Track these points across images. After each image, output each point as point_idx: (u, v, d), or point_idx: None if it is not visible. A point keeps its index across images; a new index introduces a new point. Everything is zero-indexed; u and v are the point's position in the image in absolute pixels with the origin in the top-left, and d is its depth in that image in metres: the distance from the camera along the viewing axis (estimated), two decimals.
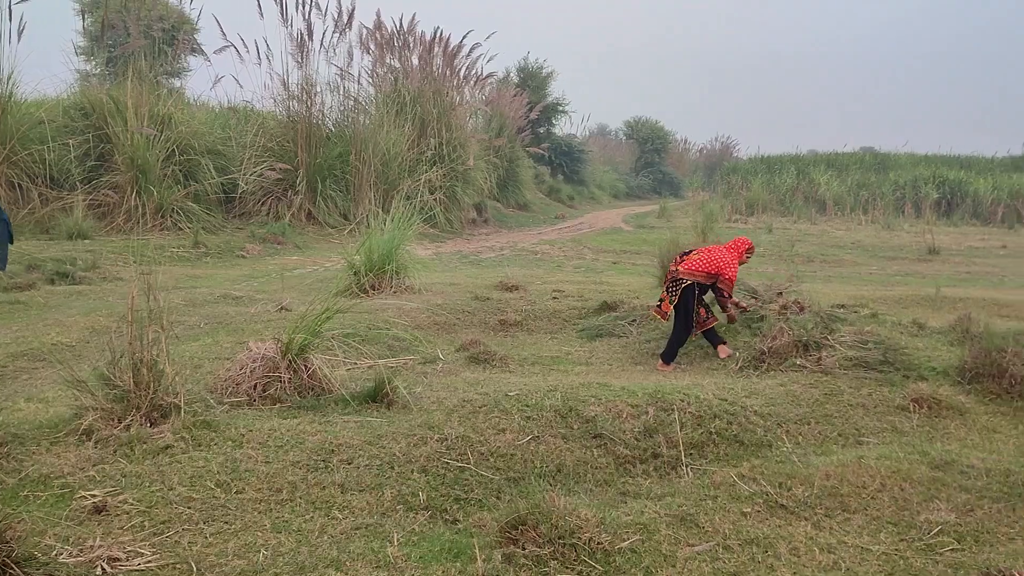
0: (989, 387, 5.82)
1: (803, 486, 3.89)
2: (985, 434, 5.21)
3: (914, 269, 15.93)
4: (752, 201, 29.25)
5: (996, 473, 4.11)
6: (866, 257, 17.66)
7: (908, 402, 5.48)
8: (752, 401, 5.41)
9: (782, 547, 3.28)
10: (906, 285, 13.06)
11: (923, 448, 4.47)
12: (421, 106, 19.17)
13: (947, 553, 3.28)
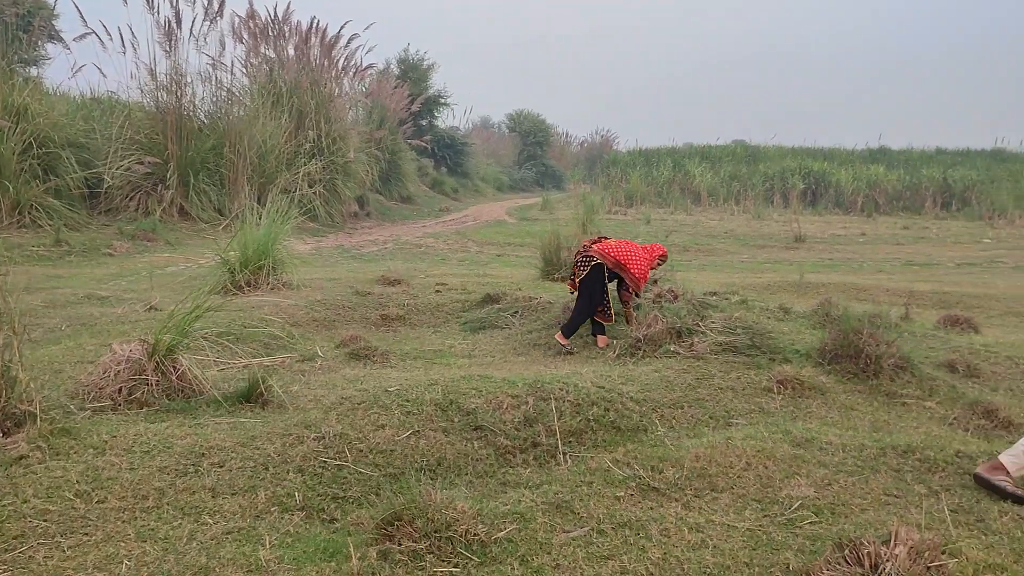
0: (847, 367, 6.15)
1: (674, 468, 4.02)
2: (843, 412, 5.51)
3: (782, 256, 16.69)
4: (631, 193, 29.97)
5: (851, 448, 4.36)
6: (738, 246, 18.39)
7: (773, 384, 5.74)
8: (628, 388, 5.54)
9: (653, 528, 3.38)
10: (774, 272, 13.68)
11: (786, 427, 4.69)
12: (298, 97, 18.71)
13: (806, 526, 3.45)
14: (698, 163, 33.12)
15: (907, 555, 2.74)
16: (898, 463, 4.19)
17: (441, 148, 33.12)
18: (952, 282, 12.60)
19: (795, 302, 9.51)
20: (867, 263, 15.69)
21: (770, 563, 3.07)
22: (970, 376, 6.53)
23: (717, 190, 30.70)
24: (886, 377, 6.04)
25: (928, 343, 7.40)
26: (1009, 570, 3.03)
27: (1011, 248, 18.71)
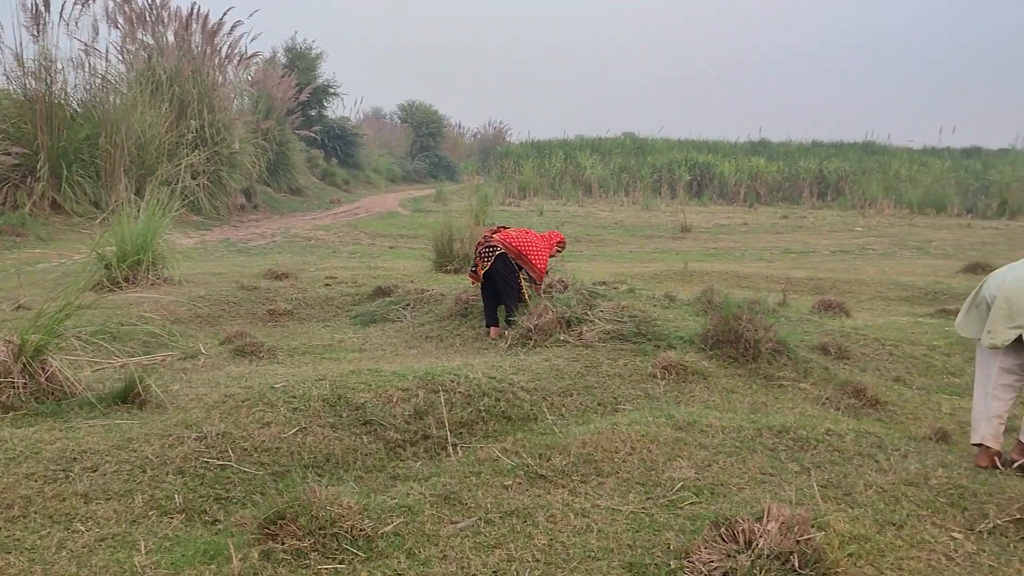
0: (728, 352, 6.38)
1: (562, 455, 4.08)
2: (724, 395, 5.72)
3: (669, 246, 17.16)
4: (524, 184, 30.20)
5: (730, 430, 4.52)
6: (627, 236, 18.80)
7: (658, 370, 5.89)
8: (519, 377, 5.60)
9: (540, 516, 3.42)
10: (662, 261, 14.05)
11: (669, 412, 4.82)
12: (179, 86, 18.01)
13: (687, 507, 3.57)
14: (589, 155, 33.65)
15: (778, 530, 2.87)
16: (773, 443, 4.38)
17: (331, 139, 32.52)
18: (827, 268, 13.24)
19: (680, 290, 9.80)
20: (749, 252, 16.30)
21: (652, 544, 3.16)
22: (841, 358, 6.88)
23: (607, 181, 31.27)
24: (764, 360, 6.30)
25: (803, 327, 7.75)
26: (872, 540, 3.21)
27: (880, 236, 19.80)
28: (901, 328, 7.96)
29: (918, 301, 10.28)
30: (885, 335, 7.59)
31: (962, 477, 3.91)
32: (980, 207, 27.06)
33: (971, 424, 4.41)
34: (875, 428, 4.97)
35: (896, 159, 33.47)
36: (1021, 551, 3.23)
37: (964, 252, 16.16)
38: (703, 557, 2.88)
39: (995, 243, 18.53)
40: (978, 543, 3.29)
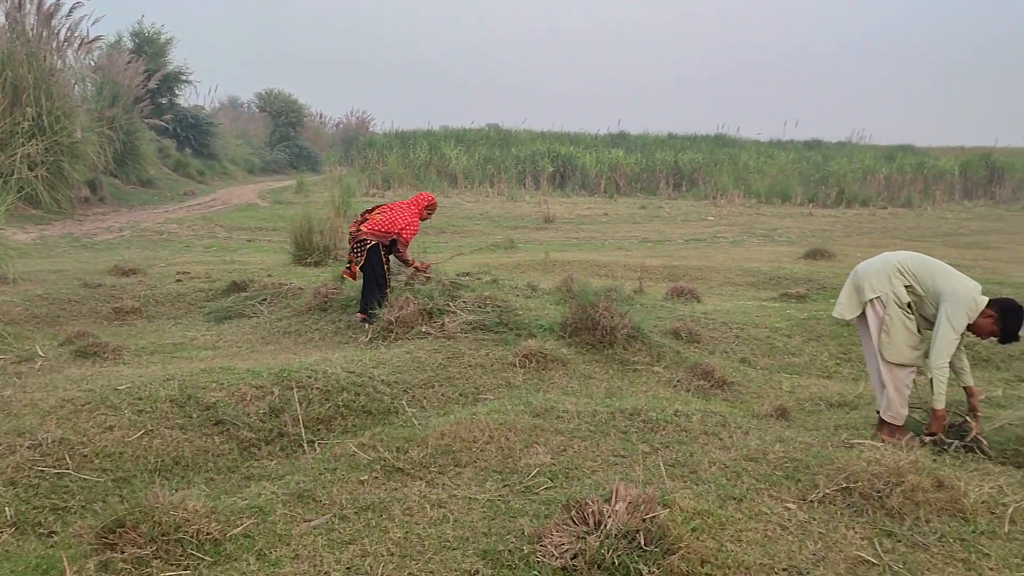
0: (586, 339, 6.55)
1: (420, 448, 4.07)
2: (583, 380, 5.87)
3: (533, 236, 17.40)
4: (389, 175, 29.85)
5: (586, 415, 4.64)
6: (492, 227, 18.93)
7: (519, 358, 5.98)
8: (380, 371, 5.55)
9: (396, 509, 3.41)
10: (525, 251, 14.23)
11: (528, 399, 4.90)
12: (13, 71, 16.73)
13: (542, 492, 3.64)
14: (454, 146, 33.61)
15: (626, 510, 2.97)
16: (626, 425, 4.53)
17: (184, 128, 31.09)
18: (680, 256, 13.77)
19: (542, 280, 9.96)
20: (609, 241, 16.74)
21: (507, 530, 3.20)
22: (692, 341, 7.18)
23: (472, 172, 31.34)
24: (620, 346, 6.51)
25: (657, 313, 8.04)
26: (714, 514, 3.37)
27: (730, 224, 20.76)
28: (747, 312, 8.37)
29: (763, 286, 10.85)
30: (732, 319, 7.97)
31: (797, 451, 4.17)
32: (820, 196, 28.80)
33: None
34: (721, 407, 5.22)
35: (745, 151, 35.12)
36: (847, 517, 3.48)
37: (806, 239, 17.17)
38: (555, 540, 2.94)
39: (833, 230, 19.79)
40: (809, 512, 3.51)
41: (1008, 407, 5.47)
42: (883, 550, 3.22)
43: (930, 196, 31.36)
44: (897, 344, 4.43)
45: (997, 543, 3.32)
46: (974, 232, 20.30)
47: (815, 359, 7.04)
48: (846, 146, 39.90)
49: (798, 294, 9.78)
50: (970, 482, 3.74)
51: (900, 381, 4.47)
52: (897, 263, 4.53)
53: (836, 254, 13.59)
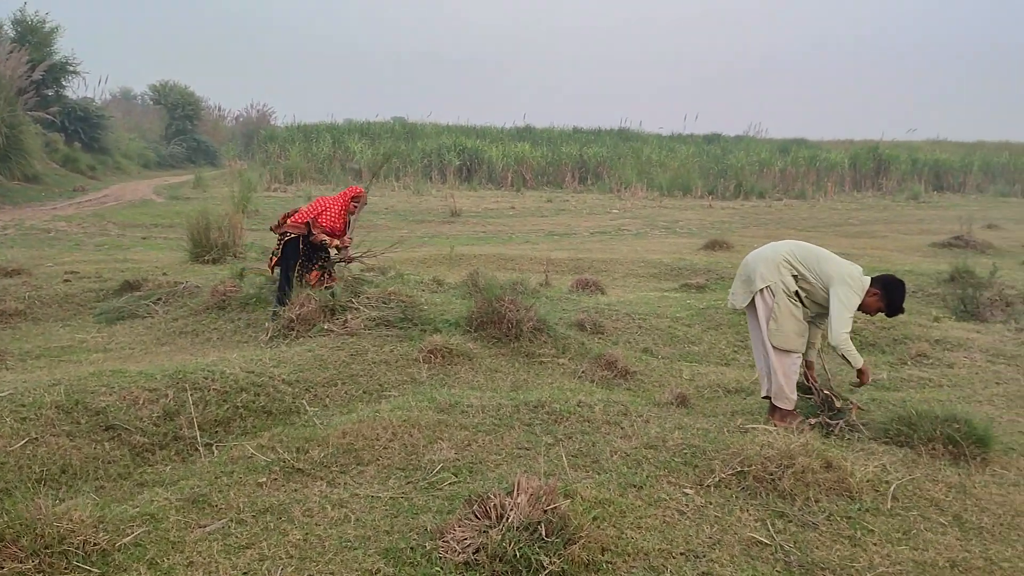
0: (492, 333, 6.56)
1: (320, 447, 4.00)
2: (488, 375, 5.87)
3: (439, 231, 17.34)
4: (291, 169, 29.25)
5: (490, 409, 4.65)
6: (398, 221, 18.77)
7: (424, 354, 5.95)
8: (280, 370, 5.43)
9: (296, 511, 3.34)
10: (432, 246, 14.17)
11: (432, 395, 4.88)
12: None
13: (446, 487, 3.63)
14: (358, 140, 33.17)
15: (528, 502, 2.99)
16: (530, 418, 4.56)
17: (73, 121, 29.71)
18: (586, 249, 13.96)
19: (448, 274, 9.94)
20: (515, 235, 16.82)
21: (410, 528, 3.18)
22: (596, 332, 7.29)
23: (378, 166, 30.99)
24: (526, 339, 6.54)
25: (563, 305, 8.12)
26: (615, 503, 3.43)
27: (634, 217, 21.15)
28: (649, 302, 8.55)
29: (664, 277, 11.09)
30: (635, 309, 8.12)
31: (695, 438, 4.27)
32: (720, 189, 29.62)
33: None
34: (624, 397, 5.31)
35: (648, 145, 35.83)
36: (741, 500, 3.59)
37: (706, 231, 17.65)
38: (457, 535, 2.94)
39: (732, 222, 20.39)
40: (706, 496, 3.61)
41: (893, 389, 5.75)
42: (775, 531, 3.33)
43: (822, 188, 32.64)
44: (785, 331, 4.60)
45: (880, 519, 3.49)
46: (862, 222, 21.24)
47: (714, 347, 7.23)
48: (744, 140, 41.16)
49: (698, 284, 10.04)
50: (856, 462, 3.91)
51: (788, 367, 4.63)
52: (785, 253, 4.70)
53: (734, 245, 13.99)
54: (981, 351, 6.66)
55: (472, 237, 16.34)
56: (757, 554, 3.16)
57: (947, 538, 3.35)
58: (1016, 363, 6.32)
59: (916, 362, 6.43)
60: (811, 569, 3.08)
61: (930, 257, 13.30)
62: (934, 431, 4.21)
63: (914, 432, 4.27)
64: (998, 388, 5.62)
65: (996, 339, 7.12)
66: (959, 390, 5.59)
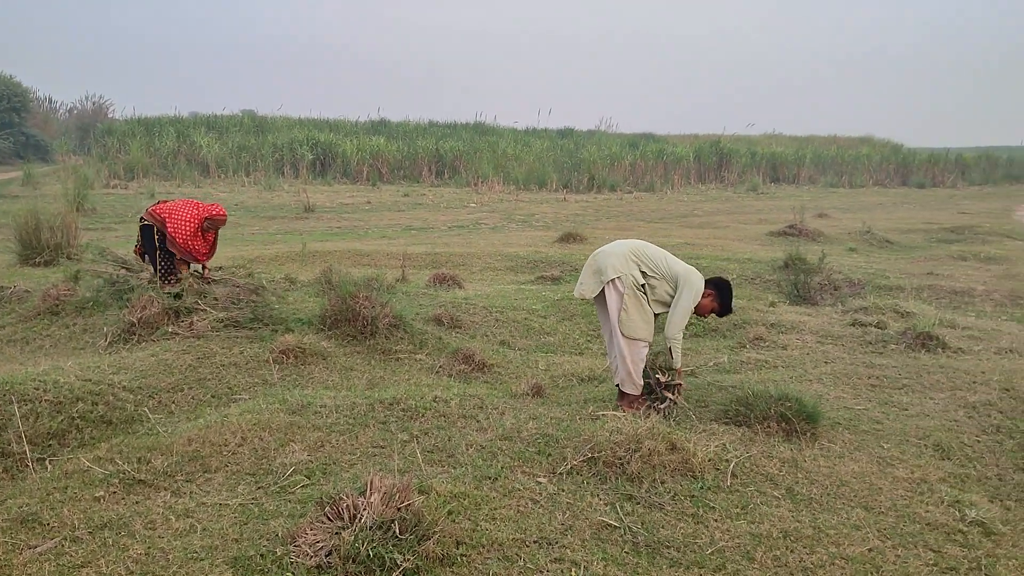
0: (347, 330, 6.46)
1: (164, 456, 3.83)
2: (343, 373, 5.78)
3: (292, 227, 16.89)
4: (132, 165, 27.69)
5: (344, 408, 4.59)
6: (249, 218, 18.15)
7: (276, 354, 5.79)
8: (121, 377, 5.16)
9: (138, 524, 3.18)
10: (284, 243, 13.79)
11: (283, 396, 4.76)
12: None
13: (298, 490, 3.55)
14: (205, 133, 31.81)
15: (381, 501, 2.97)
16: (385, 416, 4.52)
17: None
18: (443, 243, 13.95)
19: (301, 272, 9.71)
20: (372, 230, 16.61)
21: (260, 534, 3.10)
22: (454, 327, 7.31)
23: (226, 161, 29.80)
24: (382, 336, 6.49)
25: (420, 301, 8.10)
26: (470, 495, 3.46)
27: (491, 211, 21.33)
28: (506, 295, 8.65)
29: (521, 270, 11.26)
30: (492, 303, 8.21)
31: (548, 427, 4.37)
32: (574, 183, 30.29)
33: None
34: (481, 390, 5.36)
35: (503, 139, 36.17)
36: (592, 485, 3.70)
37: (560, 224, 18.02)
38: (309, 539, 2.88)
39: (585, 215, 20.92)
40: (559, 484, 3.70)
41: (733, 371, 6.08)
42: (624, 513, 3.46)
43: (670, 181, 33.97)
44: (634, 321, 4.77)
45: (721, 496, 3.68)
46: (706, 213, 22.28)
47: (568, 337, 7.41)
48: (596, 134, 42.26)
49: (552, 276, 10.25)
50: (698, 443, 4.11)
51: (636, 355, 4.81)
52: (631, 249, 4.90)
53: (587, 237, 14.36)
54: (812, 333, 7.14)
55: (327, 233, 16.02)
56: (607, 537, 3.27)
57: (780, 510, 3.58)
58: (842, 343, 6.81)
59: (754, 345, 6.82)
60: (657, 548, 3.21)
61: (767, 246, 14.10)
62: (769, 410, 4.48)
63: (751, 412, 4.53)
64: (826, 367, 6.03)
65: (825, 321, 7.64)
66: (792, 370, 5.97)
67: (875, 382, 5.63)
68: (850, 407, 5.05)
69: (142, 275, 7.35)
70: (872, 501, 3.72)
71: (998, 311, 9.08)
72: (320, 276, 8.42)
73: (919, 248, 14.93)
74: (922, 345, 6.52)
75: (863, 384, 5.58)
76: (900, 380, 5.67)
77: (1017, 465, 4.37)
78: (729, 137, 42.42)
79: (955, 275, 11.37)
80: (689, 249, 12.75)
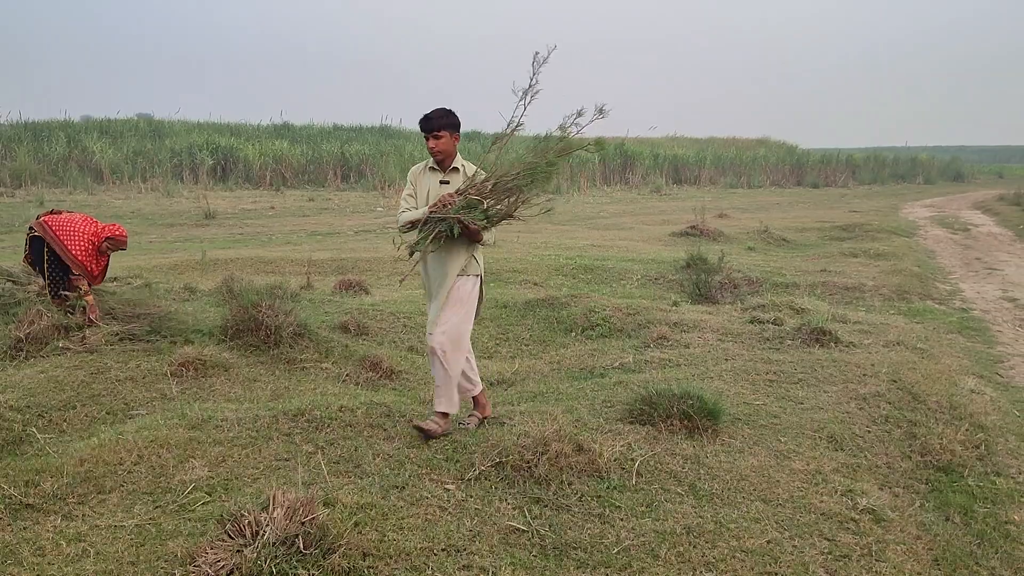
0: (250, 340, 6.31)
1: (54, 478, 3.66)
2: (246, 385, 5.64)
3: (193, 234, 16.39)
4: (19, 171, 26.35)
5: (247, 421, 4.47)
6: (146, 225, 17.53)
7: (175, 367, 5.61)
8: (7, 396, 4.92)
9: (25, 551, 3.03)
10: (184, 251, 13.37)
11: (183, 411, 4.61)
12: None
13: (199, 508, 3.45)
14: (98, 138, 30.53)
15: (284, 516, 2.91)
16: (289, 427, 4.43)
17: None
18: (350, 249, 13.77)
19: (201, 281, 9.44)
20: (276, 236, 16.26)
21: (157, 555, 2.99)
22: (361, 334, 7.23)
23: (121, 167, 28.64)
24: (287, 345, 6.36)
25: (325, 308, 7.98)
26: (378, 506, 3.43)
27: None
28: (413, 300, 8.60)
29: None
30: (400, 308, 8.16)
31: (457, 432, 4.37)
32: None
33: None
34: (388, 398, 5.31)
35: (410, 142, 35.93)
36: (501, 491, 3.72)
37: None
38: (209, 558, 2.80)
39: None
40: (467, 490, 3.71)
41: (637, 371, 6.19)
42: (532, 516, 3.48)
43: (576, 183, 34.41)
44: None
45: (627, 495, 3.75)
46: (612, 215, 22.67)
47: (477, 341, 7.41)
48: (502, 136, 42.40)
49: None
50: (604, 443, 4.18)
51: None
52: None
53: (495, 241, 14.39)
54: (713, 331, 7.34)
55: (229, 240, 15.60)
56: (515, 541, 3.29)
57: (684, 507, 3.67)
58: (741, 340, 7.03)
59: (657, 344, 6.97)
60: (564, 550, 3.25)
61: (670, 246, 14.44)
62: (672, 408, 4.58)
63: (655, 410, 4.62)
64: (727, 364, 6.21)
65: (725, 319, 7.87)
66: (694, 368, 6.13)
67: (773, 377, 5.83)
68: (749, 402, 5.21)
69: (30, 287, 7.02)
70: (770, 494, 3.85)
71: (886, 305, 9.54)
72: (221, 285, 8.19)
73: (813, 246, 15.55)
74: (816, 340, 6.79)
75: (761, 380, 5.78)
76: (796, 375, 5.89)
77: (904, 453, 4.61)
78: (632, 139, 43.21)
79: (846, 271, 11.88)
80: (596, 251, 12.95)
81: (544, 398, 5.47)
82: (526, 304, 8.44)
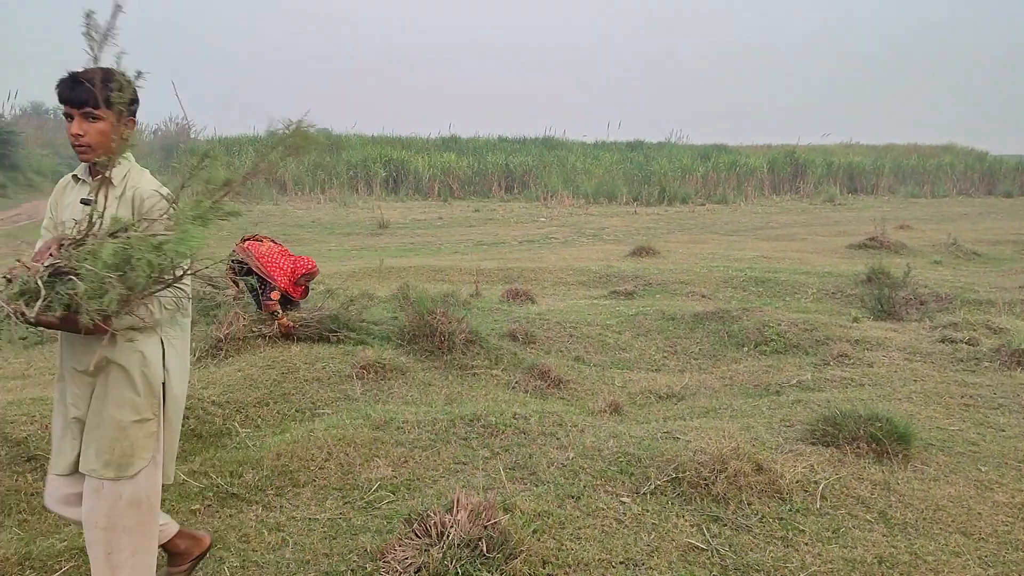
0: (425, 346, 6.55)
1: (254, 470, 3.93)
2: (422, 389, 5.85)
3: (368, 243, 17.19)
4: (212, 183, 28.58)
5: (426, 424, 4.64)
6: (325, 234, 18.54)
7: (357, 370, 5.90)
8: (210, 391, 5.32)
9: (232, 537, 3.28)
10: (361, 259, 14.03)
11: (367, 412, 4.84)
12: None
13: (384, 506, 3.61)
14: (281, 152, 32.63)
15: (467, 518, 3.00)
16: (466, 432, 4.56)
17: None
18: (514, 258, 14.00)
19: (378, 287, 9.87)
20: (445, 245, 16.78)
21: (348, 549, 3.15)
22: (528, 343, 7.33)
23: (303, 179, 30.55)
24: (459, 351, 6.55)
25: (494, 316, 8.15)
26: (554, 514, 3.46)
27: (561, 225, 21.33)
28: (579, 310, 8.64)
29: (593, 284, 11.22)
30: (566, 318, 8.20)
31: (629, 445, 4.34)
32: (644, 195, 30.10)
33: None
34: (558, 407, 5.35)
35: (572, 153, 36.17)
36: (677, 506, 3.66)
37: (632, 237, 17.89)
38: (398, 555, 2.92)
39: (657, 227, 20.75)
40: (643, 504, 3.67)
41: (817, 390, 5.93)
42: (711, 535, 3.41)
43: (743, 192, 33.46)
44: None
45: (811, 519, 3.60)
46: (782, 225, 21.85)
47: (644, 353, 7.35)
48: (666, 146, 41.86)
49: (626, 291, 10.18)
50: (785, 464, 4.02)
51: None
52: None
53: (660, 251, 14.23)
54: (898, 349, 6.92)
55: (401, 249, 16.25)
56: (694, 559, 3.23)
57: (874, 535, 3.48)
58: (931, 360, 6.59)
59: (838, 362, 6.64)
60: (746, 571, 3.16)
61: (847, 259, 13.76)
62: (858, 430, 4.36)
63: (839, 432, 4.41)
64: (915, 385, 5.84)
65: (912, 337, 7.41)
66: (879, 388, 5.80)
67: (969, 401, 5.43)
68: (943, 427, 4.88)
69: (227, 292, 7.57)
70: (971, 527, 3.59)
71: None
72: (397, 292, 8.53)
73: (1009, 260, 14.37)
74: (1018, 363, 6.26)
75: (956, 404, 5.39)
76: (995, 399, 5.46)
77: None
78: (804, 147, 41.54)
79: None
80: (766, 262, 12.53)
81: (717, 414, 5.34)
82: (695, 317, 8.27)
